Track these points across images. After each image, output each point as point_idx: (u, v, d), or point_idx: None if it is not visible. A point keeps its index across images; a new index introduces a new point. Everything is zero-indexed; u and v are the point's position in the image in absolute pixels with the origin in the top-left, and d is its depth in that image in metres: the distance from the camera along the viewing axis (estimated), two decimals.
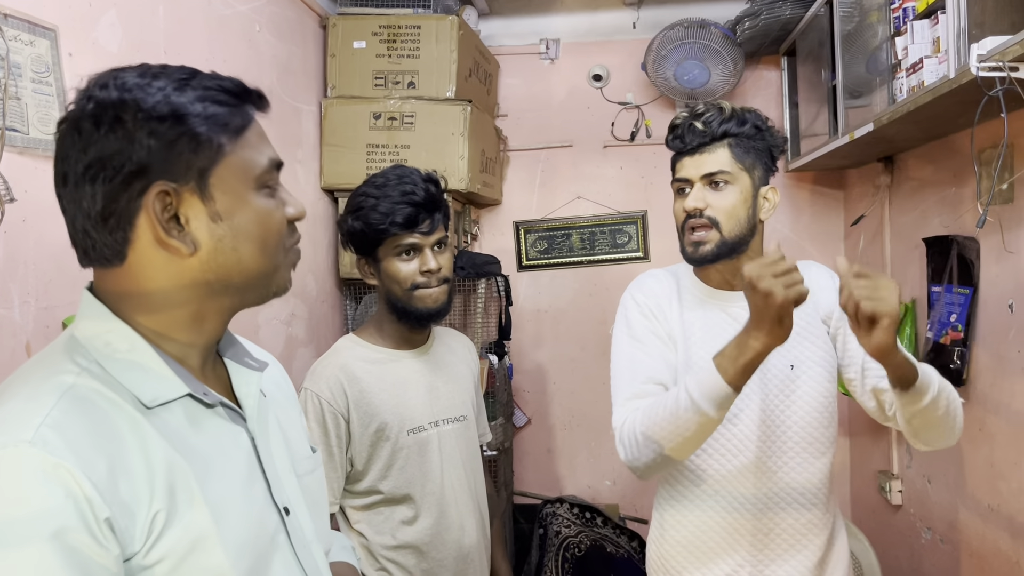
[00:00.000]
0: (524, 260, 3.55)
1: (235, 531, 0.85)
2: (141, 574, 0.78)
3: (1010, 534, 2.11)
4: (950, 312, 2.34)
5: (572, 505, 3.39)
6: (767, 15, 2.84)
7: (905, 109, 1.91)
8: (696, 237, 1.60)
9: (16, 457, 0.73)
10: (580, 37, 3.54)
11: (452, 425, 1.79)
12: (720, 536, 1.64)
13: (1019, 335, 2.04)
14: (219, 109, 0.85)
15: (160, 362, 0.86)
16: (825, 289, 1.66)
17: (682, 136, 1.62)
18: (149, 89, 0.82)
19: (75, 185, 0.82)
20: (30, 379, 0.81)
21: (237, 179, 0.87)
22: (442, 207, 1.73)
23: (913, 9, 2.00)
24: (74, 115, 0.83)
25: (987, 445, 2.23)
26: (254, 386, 0.97)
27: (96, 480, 0.74)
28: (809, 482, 1.62)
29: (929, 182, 2.54)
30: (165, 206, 0.83)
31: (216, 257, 0.86)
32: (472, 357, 1.95)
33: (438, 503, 1.74)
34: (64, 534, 0.72)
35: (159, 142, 0.81)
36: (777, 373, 1.62)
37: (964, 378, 2.29)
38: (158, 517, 0.78)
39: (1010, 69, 1.43)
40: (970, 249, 2.27)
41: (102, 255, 0.84)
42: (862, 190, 3.16)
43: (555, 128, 3.53)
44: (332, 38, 2.95)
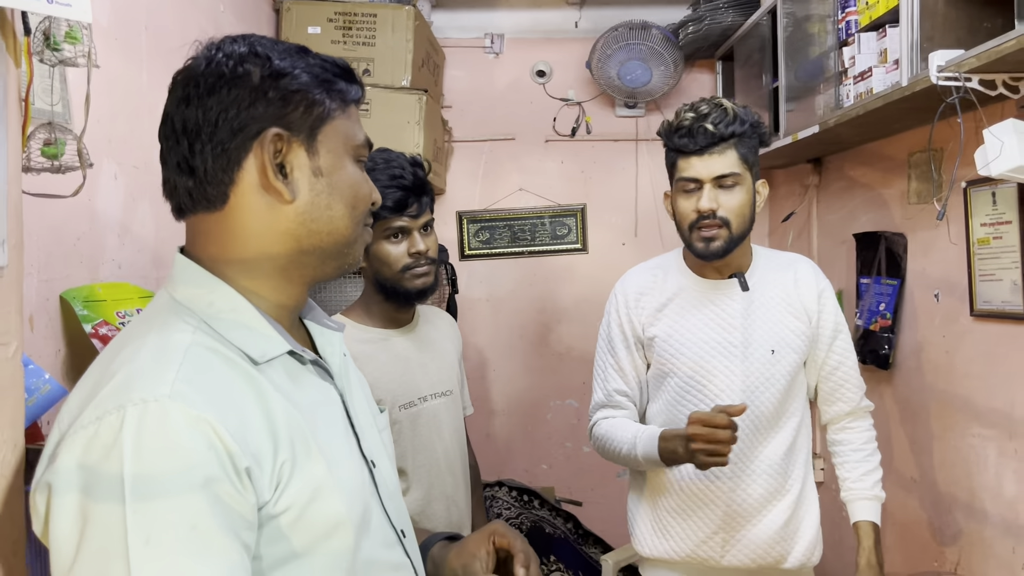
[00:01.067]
0: (466, 250, 3.62)
1: (346, 480, 0.89)
2: (269, 523, 0.81)
3: (932, 503, 2.33)
4: (879, 302, 2.55)
5: (511, 488, 3.48)
6: (711, 21, 3.01)
7: (854, 113, 2.09)
8: (708, 234, 1.71)
9: (161, 411, 0.75)
10: (524, 33, 3.63)
11: (440, 399, 1.85)
12: (698, 503, 1.79)
13: (943, 322, 2.26)
14: (333, 78, 0.93)
15: (262, 320, 0.90)
16: (810, 286, 1.83)
17: (692, 136, 1.70)
18: (277, 48, 0.90)
19: (193, 130, 0.87)
20: (146, 339, 0.84)
21: (340, 142, 0.93)
22: (428, 190, 1.79)
23: (856, 22, 2.19)
24: (199, 65, 0.89)
25: (910, 423, 2.45)
26: (337, 345, 1.02)
27: (233, 431, 0.78)
28: (776, 453, 1.79)
29: (859, 183, 2.76)
30: (276, 151, 0.88)
31: (311, 211, 0.91)
32: (455, 333, 2.02)
33: (428, 475, 1.80)
34: (211, 484, 0.75)
35: (280, 94, 0.88)
36: (759, 357, 1.77)
37: (891, 362, 2.51)
38: (284, 467, 0.82)
39: (964, 79, 1.61)
40: (898, 244, 2.48)
41: (206, 196, 0.88)
42: (789, 189, 3.38)
43: (498, 121, 3.62)
44: (286, 23, 2.94)
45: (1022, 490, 1.93)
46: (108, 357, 0.86)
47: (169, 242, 2.02)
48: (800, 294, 1.82)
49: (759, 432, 1.77)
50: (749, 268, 1.83)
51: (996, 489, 2.03)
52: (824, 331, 1.83)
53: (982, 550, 2.09)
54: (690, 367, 1.79)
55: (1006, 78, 1.62)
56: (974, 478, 2.13)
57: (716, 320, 1.79)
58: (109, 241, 1.74)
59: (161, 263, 1.97)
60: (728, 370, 1.77)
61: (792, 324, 1.80)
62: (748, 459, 1.77)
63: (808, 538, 1.82)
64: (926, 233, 2.34)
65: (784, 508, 1.79)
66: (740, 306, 1.79)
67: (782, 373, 1.77)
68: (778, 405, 1.78)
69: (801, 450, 1.84)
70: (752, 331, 1.78)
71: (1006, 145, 1.55)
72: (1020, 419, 1.93)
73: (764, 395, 1.76)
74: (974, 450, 2.13)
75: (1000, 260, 1.97)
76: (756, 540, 1.78)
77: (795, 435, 1.81)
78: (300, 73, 0.89)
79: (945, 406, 2.26)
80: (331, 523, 0.86)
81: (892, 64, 1.97)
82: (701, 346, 1.79)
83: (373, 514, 0.95)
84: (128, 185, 1.82)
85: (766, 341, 1.77)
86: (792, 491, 1.80)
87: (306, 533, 0.84)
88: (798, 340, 1.79)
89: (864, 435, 1.90)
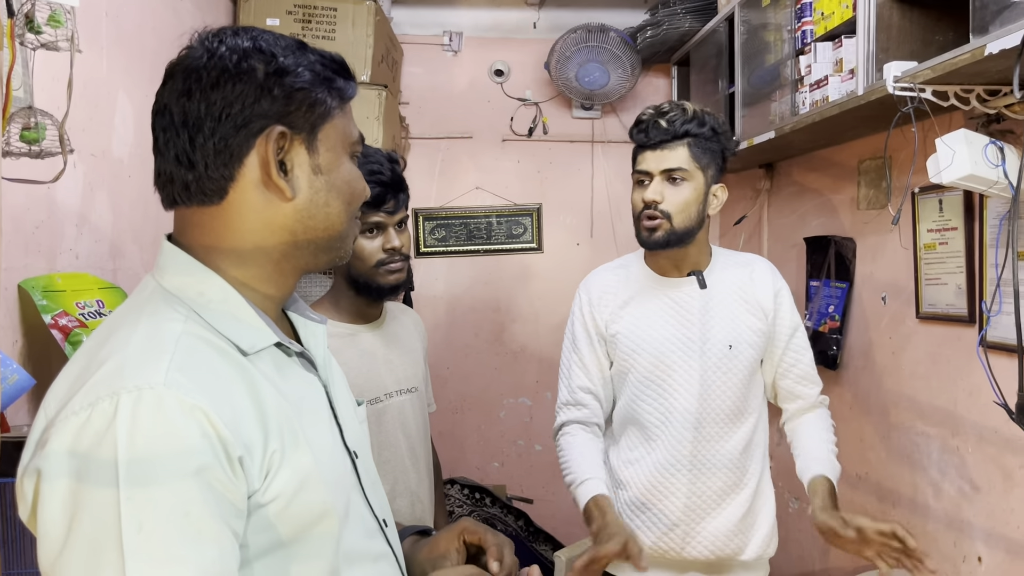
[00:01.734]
0: (422, 247, 3.61)
1: (330, 471, 0.89)
2: (257, 512, 0.81)
3: (877, 498, 2.41)
4: (828, 304, 2.63)
5: (463, 486, 3.49)
6: (668, 26, 3.06)
7: (811, 120, 2.15)
8: (650, 225, 1.78)
9: (156, 398, 0.75)
10: (483, 32, 3.64)
11: (406, 396, 1.85)
12: (659, 496, 1.84)
13: (890, 323, 2.34)
14: (333, 76, 0.93)
15: (251, 312, 0.90)
16: (767, 285, 1.89)
17: (647, 131, 1.77)
18: (279, 44, 0.89)
19: (193, 123, 0.86)
20: (136, 326, 0.83)
21: (338, 140, 0.94)
22: (404, 187, 1.79)
23: (812, 32, 2.25)
24: (200, 57, 0.87)
25: (857, 421, 2.53)
26: (320, 338, 1.02)
27: (227, 420, 0.78)
28: (734, 447, 1.84)
29: (809, 188, 2.84)
30: (279, 148, 0.88)
31: (309, 208, 0.91)
32: (420, 331, 2.02)
33: (393, 471, 1.80)
34: (204, 472, 0.75)
35: (284, 91, 0.88)
36: (717, 353, 1.82)
37: (838, 362, 2.59)
38: (274, 456, 0.82)
39: (919, 90, 1.67)
40: (847, 248, 2.56)
41: (204, 190, 0.88)
42: (740, 193, 3.45)
43: (456, 119, 3.62)
44: (244, 13, 2.90)
45: (964, 486, 2.02)
46: (95, 344, 0.85)
47: (127, 233, 1.98)
48: (756, 292, 1.87)
49: (718, 426, 1.82)
50: (707, 267, 1.89)
51: (939, 484, 2.11)
52: (781, 329, 1.89)
53: (925, 544, 2.17)
54: (650, 363, 1.84)
55: (958, 90, 1.68)
56: (917, 474, 2.21)
57: (675, 317, 1.85)
58: (67, 230, 1.71)
59: (119, 254, 1.93)
60: (687, 366, 1.82)
61: (749, 321, 1.85)
62: (708, 453, 1.82)
63: (764, 531, 1.88)
64: (874, 238, 2.42)
65: (742, 502, 1.85)
66: (698, 303, 1.84)
67: (739, 368, 1.83)
68: (736, 400, 1.83)
69: (759, 446, 1.90)
70: (709, 327, 1.83)
71: (957, 154, 1.61)
72: (963, 417, 2.02)
73: (721, 390, 1.82)
74: (918, 447, 2.21)
75: (945, 265, 2.05)
76: (715, 533, 1.83)
77: (753, 431, 1.87)
78: (303, 71, 0.89)
79: (891, 405, 2.34)
80: (317, 513, 0.86)
81: (848, 73, 2.04)
82: (661, 342, 1.84)
83: (356, 504, 0.96)
84: (87, 174, 1.79)
85: (724, 337, 1.83)
86: (749, 485, 1.86)
87: (293, 522, 0.85)
88: (755, 337, 1.85)
89: (822, 421, 1.92)
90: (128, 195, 1.98)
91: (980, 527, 1.95)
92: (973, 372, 1.96)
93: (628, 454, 1.89)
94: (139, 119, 2.01)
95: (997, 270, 1.77)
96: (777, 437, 3.10)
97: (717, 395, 1.82)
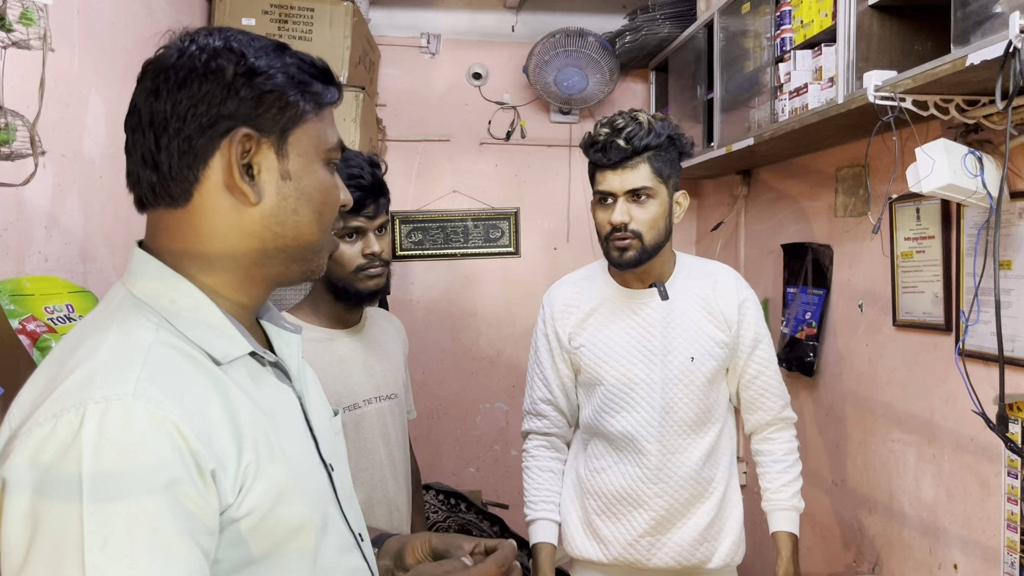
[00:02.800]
0: (398, 250, 3.58)
1: (306, 484, 0.87)
2: (230, 527, 0.78)
3: (854, 504, 2.42)
4: (805, 311, 2.64)
5: (438, 492, 3.45)
6: (647, 31, 3.06)
7: (790, 127, 2.15)
8: (621, 245, 1.76)
9: (124, 409, 0.72)
10: (461, 35, 3.62)
11: (385, 402, 1.82)
12: (625, 506, 1.85)
13: (867, 331, 2.35)
14: (309, 80, 0.90)
15: (224, 320, 0.87)
16: (731, 295, 1.88)
17: (606, 151, 1.74)
18: (253, 45, 0.87)
19: (160, 123, 0.84)
20: (106, 335, 0.80)
21: (311, 145, 0.90)
22: (385, 191, 1.76)
23: (791, 40, 2.26)
24: (171, 56, 0.85)
25: (834, 428, 2.54)
26: (295, 347, 0.99)
27: (198, 433, 0.75)
28: (699, 457, 1.84)
29: (786, 195, 2.85)
30: (244, 151, 0.86)
31: (277, 215, 0.88)
32: (402, 337, 1.99)
33: (371, 479, 1.77)
34: (173, 487, 0.72)
35: (253, 93, 0.85)
36: (679, 364, 1.82)
37: (815, 369, 2.59)
38: (248, 469, 0.79)
39: (900, 99, 1.68)
40: (824, 255, 2.57)
41: (169, 192, 0.85)
42: (717, 199, 3.46)
43: (433, 122, 3.59)
44: (219, 12, 2.85)
45: (940, 493, 2.03)
46: (64, 353, 0.82)
47: (98, 235, 1.93)
48: (720, 303, 1.86)
49: (681, 437, 1.82)
50: (670, 277, 1.88)
51: (915, 492, 2.13)
52: (744, 340, 1.88)
53: (900, 551, 2.18)
54: (614, 375, 1.84)
55: (937, 99, 1.69)
56: (894, 481, 2.22)
57: (637, 328, 1.85)
58: (36, 233, 1.66)
59: (89, 257, 1.89)
60: (649, 378, 1.82)
61: (711, 332, 1.85)
62: (673, 464, 1.82)
63: (731, 539, 1.88)
64: (852, 245, 2.43)
65: (708, 510, 1.85)
66: (659, 314, 1.84)
67: (701, 379, 1.82)
68: (699, 411, 1.83)
69: (724, 454, 1.90)
70: (671, 339, 1.83)
71: (937, 164, 1.62)
72: (939, 425, 2.03)
73: (684, 401, 1.82)
74: (894, 455, 2.22)
75: (922, 273, 2.07)
76: (682, 542, 1.84)
77: (717, 440, 1.87)
78: (275, 73, 0.86)
79: (867, 412, 2.35)
80: (293, 527, 0.84)
81: (827, 81, 2.04)
82: (623, 354, 1.84)
83: (332, 518, 0.93)
84: (56, 175, 1.74)
85: (685, 348, 1.82)
86: (715, 494, 1.86)
87: (267, 537, 0.82)
88: (717, 348, 1.84)
89: (785, 446, 1.95)
90: (99, 197, 1.93)
91: (956, 534, 1.96)
92: (950, 380, 1.97)
93: (596, 463, 1.89)
94: (111, 119, 1.97)
95: (975, 279, 1.78)
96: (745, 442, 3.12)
97: (680, 407, 1.82)
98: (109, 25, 2.03)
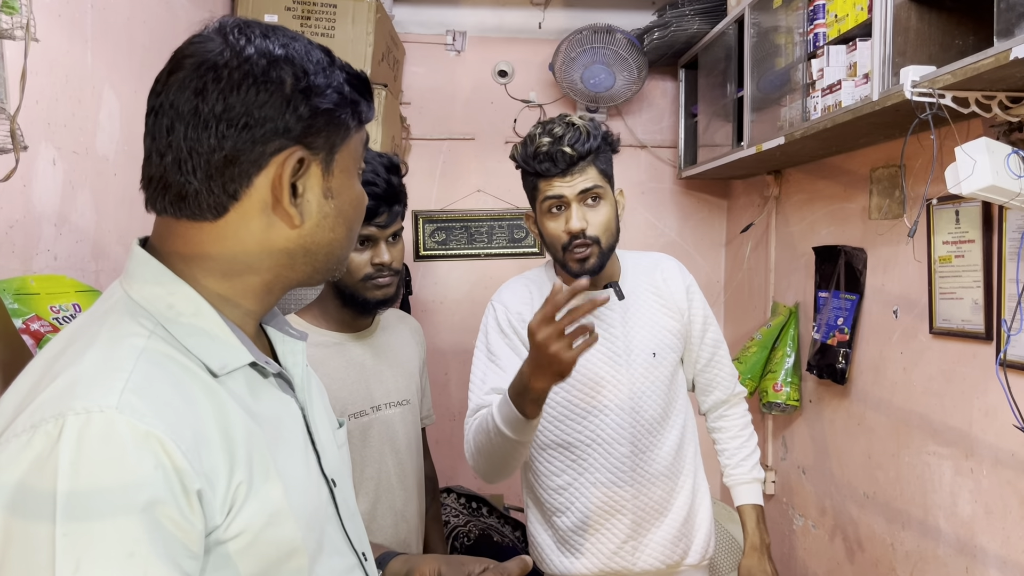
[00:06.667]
0: (421, 250, 3.54)
1: (302, 503, 0.82)
2: (217, 549, 0.73)
3: (885, 519, 2.33)
4: (837, 316, 2.55)
5: (460, 495, 3.41)
6: (676, 27, 2.98)
7: (823, 125, 2.07)
8: (581, 255, 1.71)
9: (106, 423, 0.67)
10: (487, 32, 3.56)
11: (395, 409, 1.77)
12: (605, 515, 1.81)
13: (901, 338, 2.26)
14: (359, 98, 0.86)
15: (225, 328, 0.82)
16: (677, 283, 1.88)
17: (553, 160, 1.67)
18: (311, 57, 0.81)
19: (204, 124, 0.77)
20: (95, 340, 0.75)
21: (351, 161, 0.87)
22: (402, 199, 1.71)
23: (825, 35, 2.17)
24: (219, 51, 0.78)
25: (865, 439, 2.44)
26: (300, 355, 0.94)
27: (186, 450, 0.70)
28: (669, 452, 1.83)
29: (819, 196, 2.75)
30: (295, 172, 0.81)
31: (315, 234, 0.85)
32: (418, 340, 1.94)
33: (376, 488, 1.72)
34: (153, 507, 0.67)
35: (309, 110, 0.80)
36: (642, 362, 1.80)
37: (847, 376, 2.50)
38: (240, 489, 0.75)
39: (939, 96, 1.59)
40: (857, 259, 2.48)
41: (200, 205, 0.79)
42: (748, 200, 3.37)
43: (458, 120, 3.55)
44: (241, 7, 2.83)
45: (977, 509, 1.93)
46: (51, 355, 0.77)
47: (111, 233, 1.91)
48: (670, 292, 1.87)
49: (651, 435, 1.81)
50: (620, 275, 1.86)
51: (951, 508, 2.03)
52: (695, 325, 1.89)
53: (935, 569, 2.09)
54: (577, 379, 1.79)
55: (979, 96, 1.60)
56: (929, 496, 2.12)
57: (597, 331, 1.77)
58: (45, 231, 1.63)
59: (102, 255, 1.86)
60: (615, 379, 1.79)
61: (668, 324, 1.85)
62: (646, 463, 1.81)
63: (704, 530, 1.89)
64: (886, 249, 2.34)
65: (683, 503, 1.85)
66: (618, 315, 1.82)
67: (664, 375, 1.82)
68: (664, 407, 1.82)
69: (689, 443, 1.90)
70: (632, 338, 1.81)
71: (978, 164, 1.54)
72: (977, 438, 1.93)
73: (650, 399, 1.81)
74: (929, 468, 2.12)
75: (961, 279, 1.97)
76: (664, 539, 1.83)
77: (682, 430, 1.87)
78: (332, 92, 0.81)
79: (901, 423, 2.26)
80: (285, 550, 0.79)
81: (862, 78, 1.96)
82: (587, 357, 1.79)
83: (331, 537, 0.88)
84: (67, 171, 1.71)
85: (647, 345, 1.81)
86: (686, 485, 1.86)
87: (256, 560, 0.77)
88: (675, 339, 1.85)
89: (740, 421, 1.98)
90: (114, 194, 1.91)
91: (994, 553, 1.87)
92: (990, 391, 1.88)
93: (556, 480, 1.83)
94: (127, 116, 1.94)
95: (1018, 285, 1.69)
96: (783, 451, 3.03)
97: (647, 405, 1.80)
98: (125, 20, 2.00)
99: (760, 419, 3.08)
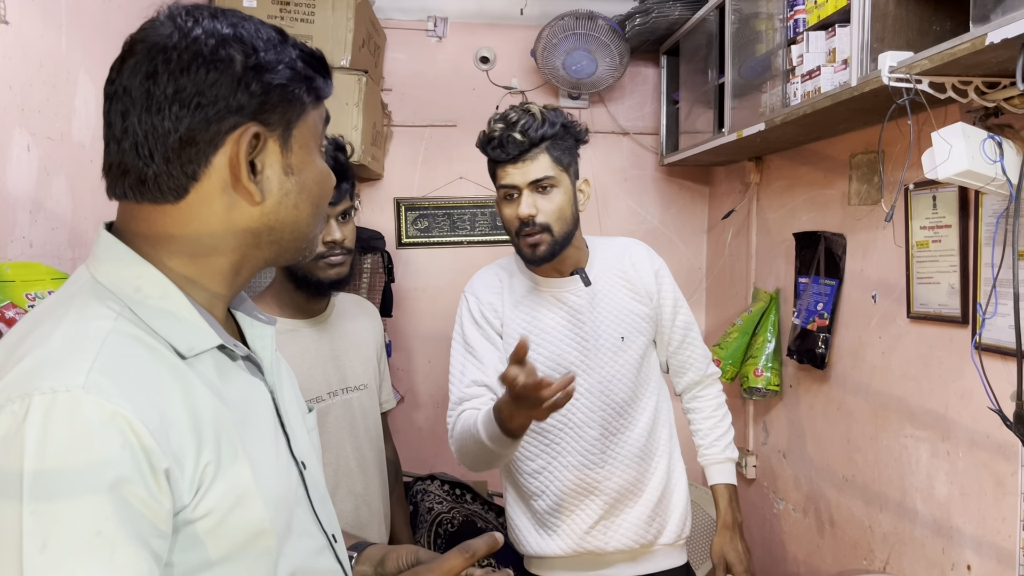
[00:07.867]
0: (403, 237, 3.53)
1: (271, 485, 0.82)
2: (185, 529, 0.74)
3: (864, 502, 2.36)
4: (817, 301, 2.56)
5: (443, 482, 3.41)
6: (658, 14, 2.98)
7: (802, 111, 2.08)
8: (532, 241, 1.75)
9: (71, 403, 0.68)
10: (468, 18, 3.55)
11: (352, 394, 1.78)
12: (577, 497, 1.84)
13: (880, 323, 2.28)
14: (313, 74, 0.87)
15: (193, 311, 0.82)
16: (646, 267, 1.91)
17: (503, 146, 1.73)
18: (261, 36, 0.82)
19: (157, 108, 0.78)
20: (61, 321, 0.75)
21: (311, 137, 0.88)
22: (349, 176, 1.71)
23: (804, 21, 2.18)
24: (168, 34, 0.79)
25: (844, 423, 2.47)
26: (269, 340, 0.95)
27: (153, 429, 0.70)
28: (641, 433, 1.87)
29: (799, 182, 2.77)
30: (251, 149, 0.81)
31: (278, 211, 0.85)
32: (375, 323, 1.95)
33: (335, 473, 1.73)
34: (120, 486, 0.68)
35: (261, 87, 0.81)
36: (610, 347, 1.84)
37: (826, 361, 2.52)
38: (207, 469, 0.75)
39: (915, 81, 1.60)
40: (837, 244, 2.49)
41: (160, 188, 0.80)
42: (729, 187, 3.38)
43: (440, 107, 3.53)
44: None
45: (953, 491, 1.96)
46: (16, 338, 0.77)
47: (88, 220, 1.89)
48: (640, 276, 1.90)
49: (621, 418, 1.85)
50: (588, 262, 1.89)
51: (928, 490, 2.06)
52: (665, 309, 1.93)
53: (912, 550, 2.12)
54: (547, 366, 1.82)
55: (955, 81, 1.61)
56: (906, 478, 2.15)
57: (565, 317, 1.85)
58: (20, 217, 1.62)
59: (78, 242, 1.85)
60: (584, 365, 1.83)
61: (636, 308, 1.88)
62: (618, 446, 1.85)
63: (680, 510, 1.92)
64: (865, 234, 2.35)
65: (656, 484, 1.89)
66: (585, 300, 1.86)
67: (633, 359, 1.86)
68: (633, 389, 1.86)
69: (663, 425, 1.93)
70: (599, 323, 1.85)
71: (954, 149, 1.55)
72: (953, 421, 1.96)
73: (619, 383, 1.84)
74: (907, 451, 2.15)
75: (938, 263, 1.99)
76: (637, 520, 1.86)
77: (655, 412, 1.90)
78: (284, 68, 0.82)
79: (880, 406, 2.28)
80: (253, 531, 0.79)
81: (841, 64, 1.96)
82: (555, 342, 1.84)
83: (301, 519, 0.89)
84: (42, 158, 1.70)
85: (615, 329, 1.85)
86: (660, 466, 1.90)
87: (225, 541, 0.78)
88: (644, 323, 1.89)
89: (714, 402, 2.03)
90: (90, 181, 1.89)
91: (970, 534, 1.90)
92: (965, 375, 1.90)
93: (531, 464, 1.88)
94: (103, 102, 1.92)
95: (993, 270, 1.71)
96: (763, 436, 3.05)
97: (616, 388, 1.83)
98: (101, 5, 1.98)
99: (741, 404, 3.10)
